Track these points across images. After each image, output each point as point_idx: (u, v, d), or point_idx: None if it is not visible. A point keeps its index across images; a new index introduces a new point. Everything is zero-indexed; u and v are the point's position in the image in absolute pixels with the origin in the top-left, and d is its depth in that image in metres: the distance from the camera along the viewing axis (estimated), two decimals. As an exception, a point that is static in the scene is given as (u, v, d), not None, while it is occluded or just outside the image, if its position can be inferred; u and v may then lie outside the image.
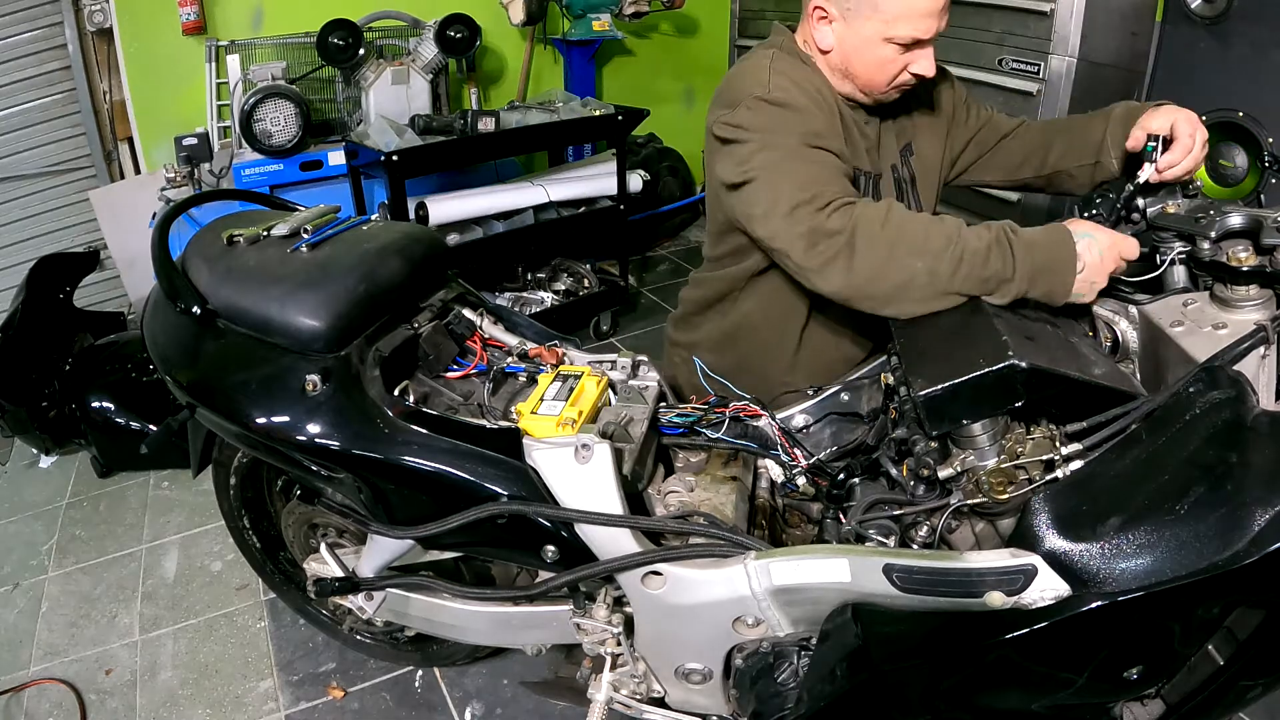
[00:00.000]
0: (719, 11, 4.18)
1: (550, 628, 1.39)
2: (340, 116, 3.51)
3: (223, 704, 1.89)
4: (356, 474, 1.26)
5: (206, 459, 1.68)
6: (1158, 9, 2.47)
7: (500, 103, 3.88)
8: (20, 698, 1.93)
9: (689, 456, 1.35)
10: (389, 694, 1.88)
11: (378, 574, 1.46)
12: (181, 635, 2.08)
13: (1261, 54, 2.26)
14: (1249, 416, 0.87)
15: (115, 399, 2.52)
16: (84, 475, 2.79)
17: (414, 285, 1.45)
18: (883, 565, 0.97)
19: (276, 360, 1.30)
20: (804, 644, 1.14)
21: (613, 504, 1.14)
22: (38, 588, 2.30)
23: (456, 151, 3.12)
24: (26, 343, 2.55)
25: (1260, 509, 0.79)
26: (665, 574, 1.14)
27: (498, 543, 1.29)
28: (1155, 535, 0.84)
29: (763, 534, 1.28)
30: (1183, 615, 0.86)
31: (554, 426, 1.20)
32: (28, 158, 3.34)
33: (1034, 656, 0.92)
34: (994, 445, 1.06)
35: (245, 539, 1.82)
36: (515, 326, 1.56)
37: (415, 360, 1.38)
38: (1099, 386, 1.02)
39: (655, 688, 1.30)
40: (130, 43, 3.28)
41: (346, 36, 3.24)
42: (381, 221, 1.58)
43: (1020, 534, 0.92)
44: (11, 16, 3.16)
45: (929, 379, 1.04)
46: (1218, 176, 2.44)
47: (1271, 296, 1.06)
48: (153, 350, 1.45)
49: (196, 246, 1.48)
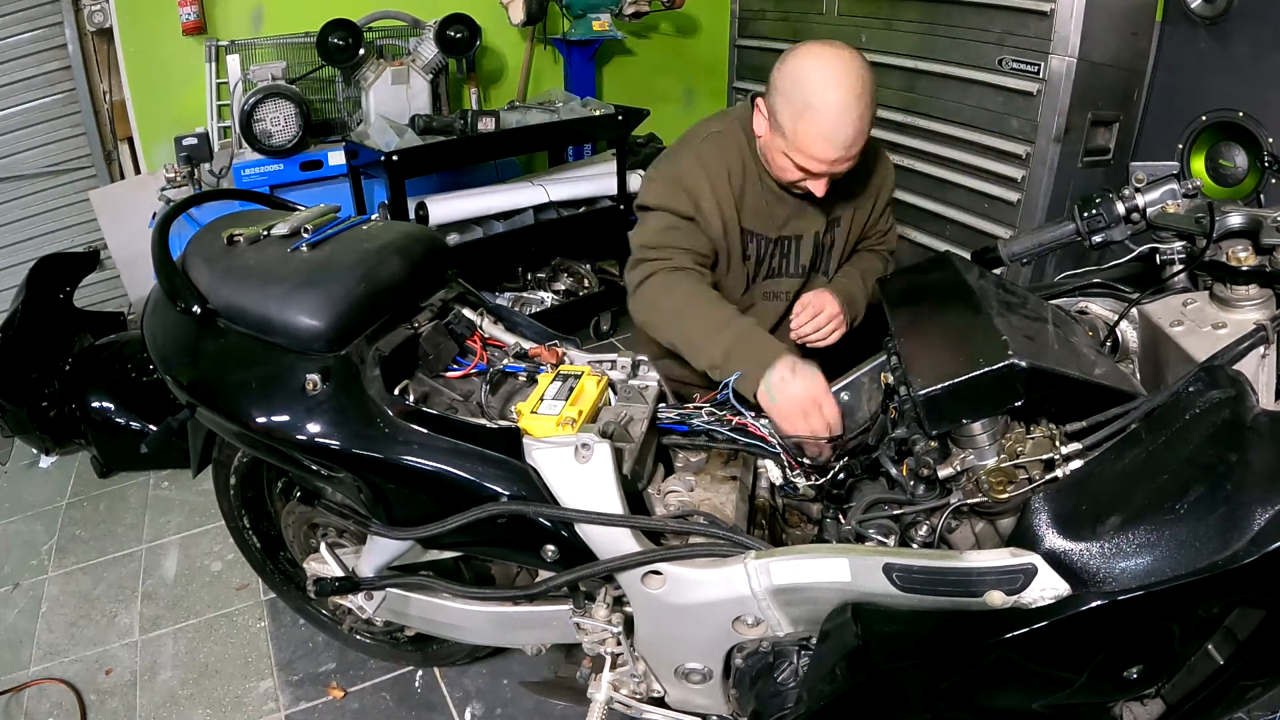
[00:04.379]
0: (719, 11, 4.17)
1: (550, 628, 1.39)
2: (340, 116, 3.51)
3: (223, 704, 1.89)
4: (356, 474, 1.26)
5: (206, 459, 1.68)
6: (1158, 9, 2.47)
7: (500, 103, 3.88)
8: (20, 698, 1.93)
9: (689, 456, 1.35)
10: (389, 694, 1.87)
11: (378, 574, 1.46)
12: (181, 635, 2.08)
13: (1261, 54, 2.26)
14: (1249, 416, 0.87)
15: (115, 399, 2.52)
16: (84, 475, 2.79)
17: (414, 285, 1.45)
18: (883, 565, 0.97)
19: (276, 360, 1.30)
20: (804, 644, 1.14)
21: (613, 504, 1.14)
22: (38, 588, 2.30)
23: (456, 151, 3.12)
24: (26, 343, 2.54)
25: (1260, 509, 0.79)
26: (665, 574, 1.14)
27: (498, 542, 1.29)
28: (1155, 535, 0.84)
29: (763, 534, 1.28)
30: (1182, 615, 0.86)
31: (554, 426, 1.20)
32: (28, 158, 3.34)
33: (1034, 656, 0.92)
34: (994, 445, 1.06)
35: (245, 539, 1.82)
36: (515, 326, 1.56)
37: (415, 360, 1.38)
38: (1099, 386, 1.02)
39: (655, 687, 1.30)
40: (130, 43, 3.27)
41: (346, 36, 3.24)
42: (381, 221, 1.58)
43: (1020, 533, 0.92)
44: (11, 16, 3.16)
45: (929, 378, 1.05)
46: (1218, 176, 2.44)
47: (1271, 296, 1.07)
48: (153, 350, 1.45)
49: (196, 246, 1.48)
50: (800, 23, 3.27)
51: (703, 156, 1.56)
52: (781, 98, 1.42)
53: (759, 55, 3.53)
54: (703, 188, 1.53)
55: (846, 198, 1.67)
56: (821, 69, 1.38)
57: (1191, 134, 2.46)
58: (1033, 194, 2.55)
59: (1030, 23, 2.42)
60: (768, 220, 1.62)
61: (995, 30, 2.54)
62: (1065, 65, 2.36)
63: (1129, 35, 2.45)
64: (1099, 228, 1.30)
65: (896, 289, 1.35)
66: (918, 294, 1.31)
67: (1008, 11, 2.48)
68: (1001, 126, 2.59)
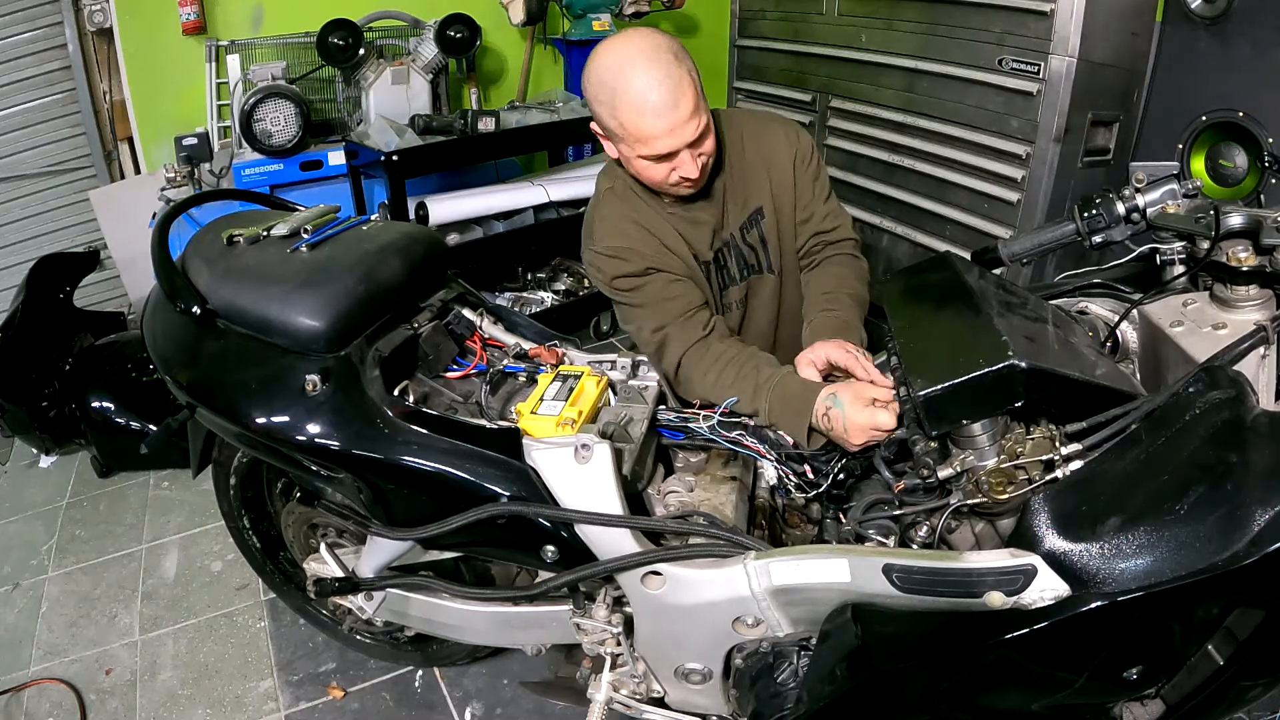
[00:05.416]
0: (719, 11, 4.17)
1: (550, 628, 1.39)
2: (340, 116, 3.51)
3: (223, 704, 1.89)
4: (356, 474, 1.26)
5: (206, 459, 1.68)
6: (1158, 9, 2.47)
7: (500, 103, 3.88)
8: (20, 698, 1.93)
9: (689, 456, 1.35)
10: (389, 694, 1.88)
11: (377, 574, 1.46)
12: (181, 635, 2.08)
13: (1261, 54, 2.26)
14: (1249, 416, 0.87)
15: (115, 399, 2.52)
16: (84, 475, 2.79)
17: (414, 285, 1.45)
18: (882, 565, 0.97)
19: (276, 360, 1.30)
20: (804, 644, 1.14)
21: (612, 504, 1.14)
22: (38, 588, 2.30)
23: (456, 151, 3.12)
24: (26, 343, 2.55)
25: (1260, 509, 0.79)
26: (665, 574, 1.14)
27: (497, 543, 1.29)
28: (1155, 535, 0.84)
29: (763, 534, 1.28)
30: (1182, 615, 0.86)
31: (554, 426, 1.20)
32: (28, 158, 3.34)
33: (1034, 657, 0.92)
34: (994, 445, 1.06)
35: (245, 539, 1.82)
36: (515, 326, 1.56)
37: (415, 360, 1.38)
38: (1099, 386, 1.02)
39: (655, 688, 1.30)
40: (130, 43, 3.27)
41: (346, 36, 3.24)
42: (381, 221, 1.58)
43: (1020, 534, 0.92)
44: (11, 16, 3.16)
45: (929, 379, 1.04)
46: (1218, 176, 2.44)
47: (1271, 296, 1.06)
48: (153, 350, 1.45)
49: (196, 246, 1.48)
50: (800, 22, 3.26)
51: (613, 218, 1.50)
52: (597, 106, 1.37)
53: (759, 55, 3.52)
54: (635, 239, 1.47)
55: (748, 180, 1.55)
56: (610, 56, 1.34)
57: (1191, 134, 2.46)
58: (1033, 194, 2.55)
59: (1030, 23, 2.42)
60: (698, 241, 1.53)
61: (995, 30, 2.53)
62: (1065, 65, 2.36)
63: (1129, 35, 2.45)
64: (1099, 228, 1.30)
65: (896, 289, 1.35)
66: (918, 294, 1.31)
67: (1008, 11, 2.48)
68: (1001, 126, 2.59)
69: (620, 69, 1.32)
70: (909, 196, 2.98)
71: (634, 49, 1.32)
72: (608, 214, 1.52)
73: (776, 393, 1.33)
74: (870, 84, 3.03)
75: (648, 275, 1.47)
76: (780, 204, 1.58)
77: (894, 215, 3.09)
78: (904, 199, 3.01)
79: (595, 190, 1.59)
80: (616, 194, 1.52)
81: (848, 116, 3.16)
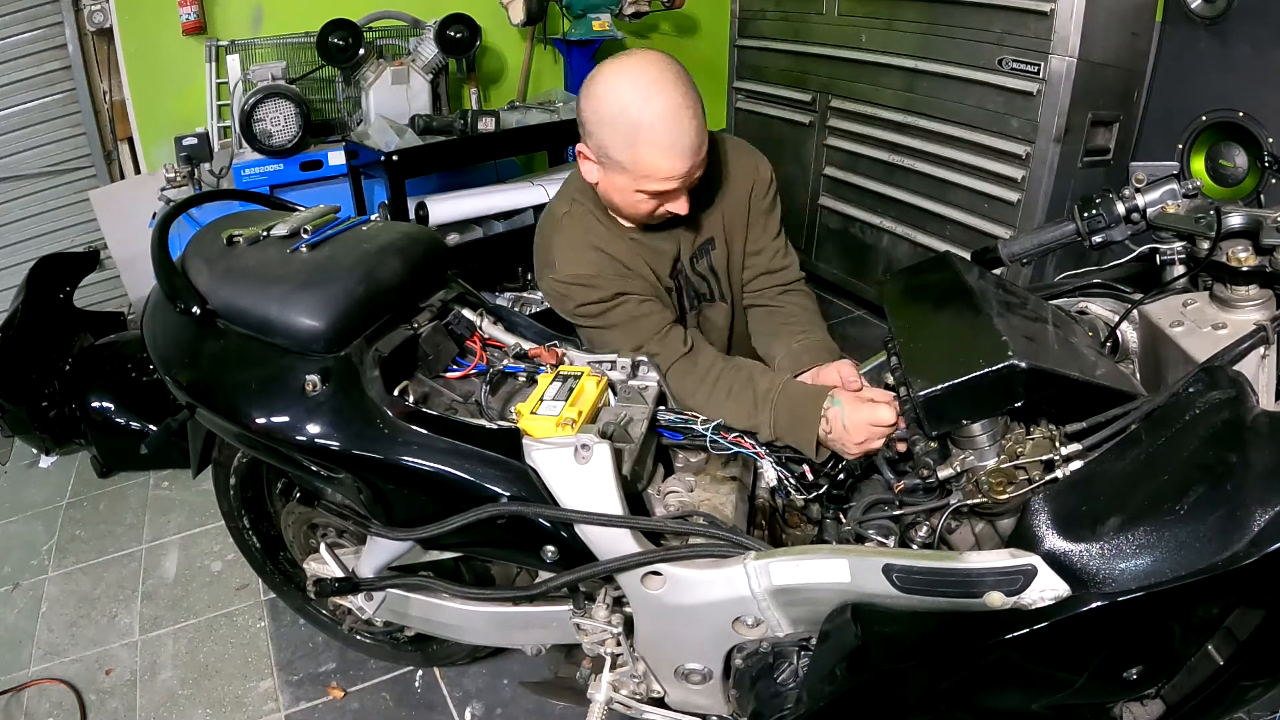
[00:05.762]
0: (719, 11, 4.17)
1: (550, 628, 1.39)
2: (340, 116, 3.51)
3: (223, 704, 1.89)
4: (356, 474, 1.26)
5: (206, 459, 1.68)
6: (1158, 9, 2.47)
7: (500, 103, 3.88)
8: (20, 698, 1.93)
9: (689, 456, 1.35)
10: (389, 694, 1.88)
11: (377, 574, 1.46)
12: (181, 635, 2.08)
13: (1261, 54, 2.26)
14: (1249, 416, 0.87)
15: (115, 399, 2.52)
16: (84, 475, 2.79)
17: (414, 285, 1.45)
18: (882, 565, 0.97)
19: (276, 360, 1.30)
20: (804, 644, 1.14)
21: (612, 504, 1.14)
22: (38, 588, 2.30)
23: (456, 151, 3.11)
24: (26, 343, 2.54)
25: (1260, 509, 0.79)
26: (665, 574, 1.14)
27: (497, 543, 1.29)
28: (1155, 535, 0.84)
29: (763, 534, 1.28)
30: (1182, 615, 0.86)
31: (554, 427, 1.20)
32: (28, 158, 3.34)
33: (1034, 657, 0.92)
34: (994, 445, 1.06)
35: (245, 539, 1.82)
36: (515, 326, 1.55)
37: (415, 360, 1.38)
38: (1099, 386, 1.02)
39: (655, 688, 1.30)
40: (130, 43, 3.27)
41: (346, 36, 3.24)
42: (381, 221, 1.58)
43: (1020, 534, 0.92)
44: (11, 16, 3.16)
45: (929, 379, 1.04)
46: (1218, 176, 2.44)
47: (1271, 296, 1.07)
48: (153, 350, 1.45)
49: (196, 246, 1.48)
50: (800, 22, 3.27)
51: (576, 245, 1.43)
52: (607, 131, 1.30)
53: (759, 55, 3.53)
54: (600, 265, 1.42)
55: (701, 210, 1.50)
56: (633, 83, 1.28)
57: (1191, 134, 2.46)
58: (1033, 194, 2.55)
59: (1030, 23, 2.42)
60: (659, 266, 1.50)
61: (995, 30, 2.54)
62: (1065, 65, 2.36)
63: (1129, 35, 2.45)
64: (1099, 228, 1.30)
65: (896, 289, 1.35)
66: (917, 294, 1.31)
67: (1008, 11, 2.48)
68: (1001, 126, 2.59)
69: (646, 103, 1.26)
70: (909, 196, 2.99)
71: (664, 79, 1.27)
72: (568, 241, 1.45)
73: (781, 403, 1.31)
74: (870, 84, 3.03)
75: (616, 299, 1.42)
76: (731, 235, 1.56)
77: (894, 215, 3.09)
78: (904, 199, 3.01)
79: (548, 214, 1.52)
80: (575, 218, 1.47)
81: (848, 116, 3.16)
